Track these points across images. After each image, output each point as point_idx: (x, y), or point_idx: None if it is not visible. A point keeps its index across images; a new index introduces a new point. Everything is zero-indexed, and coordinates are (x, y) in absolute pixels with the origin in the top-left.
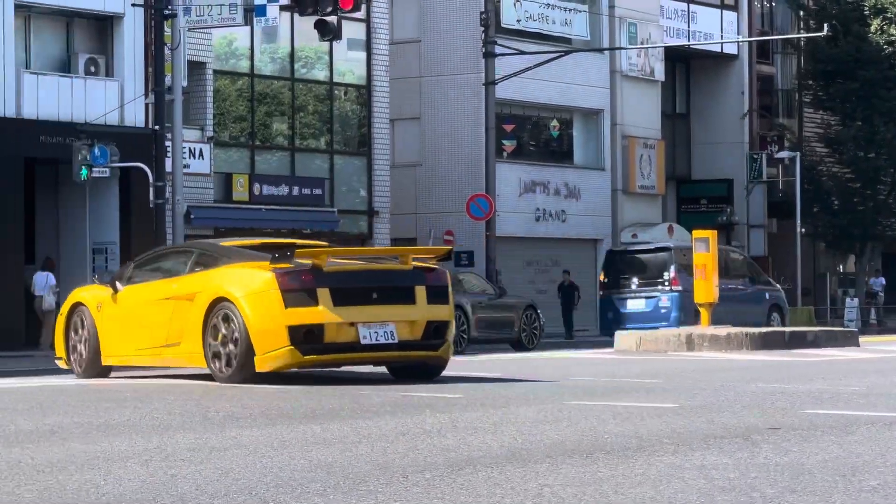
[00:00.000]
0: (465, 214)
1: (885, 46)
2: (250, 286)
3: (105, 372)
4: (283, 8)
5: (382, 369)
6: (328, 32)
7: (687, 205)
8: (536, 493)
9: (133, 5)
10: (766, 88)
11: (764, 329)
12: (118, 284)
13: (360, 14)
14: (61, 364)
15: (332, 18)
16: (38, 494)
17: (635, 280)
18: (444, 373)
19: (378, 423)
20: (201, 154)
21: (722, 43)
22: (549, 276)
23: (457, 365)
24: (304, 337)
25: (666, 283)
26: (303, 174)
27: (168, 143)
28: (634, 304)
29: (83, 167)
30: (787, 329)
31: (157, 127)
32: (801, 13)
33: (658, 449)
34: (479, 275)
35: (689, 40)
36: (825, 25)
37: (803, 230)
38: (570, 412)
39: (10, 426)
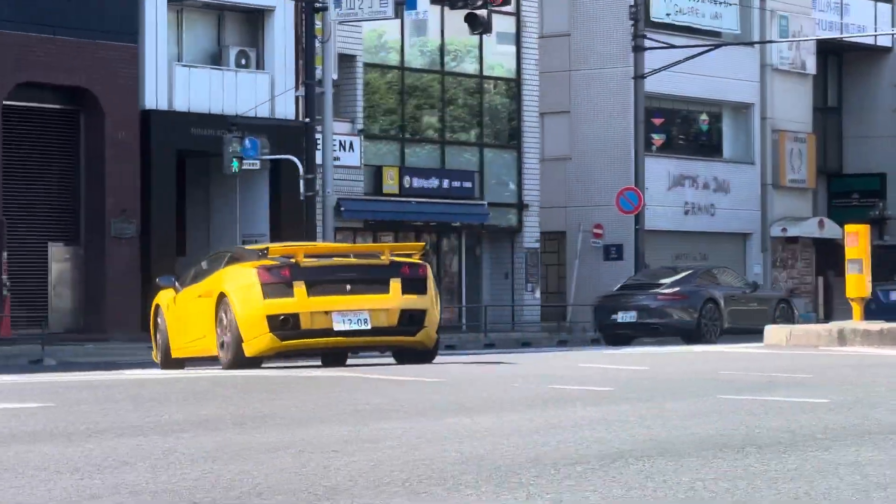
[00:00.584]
0: (614, 208)
1: None
2: (239, 282)
3: (178, 364)
4: (433, 1)
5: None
6: (478, 26)
7: (838, 199)
8: (689, 486)
9: None
10: None
11: None
12: (178, 286)
13: (510, 8)
14: (154, 358)
15: (483, 12)
16: (192, 483)
17: None
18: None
19: (528, 415)
20: (351, 147)
21: (875, 35)
22: None
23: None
24: (281, 324)
25: None
26: (453, 167)
27: (318, 136)
28: None
29: (234, 159)
30: None
31: (307, 119)
32: None
33: (811, 444)
34: (734, 271)
35: (841, 33)
36: None
37: None
38: (721, 406)
39: (163, 416)
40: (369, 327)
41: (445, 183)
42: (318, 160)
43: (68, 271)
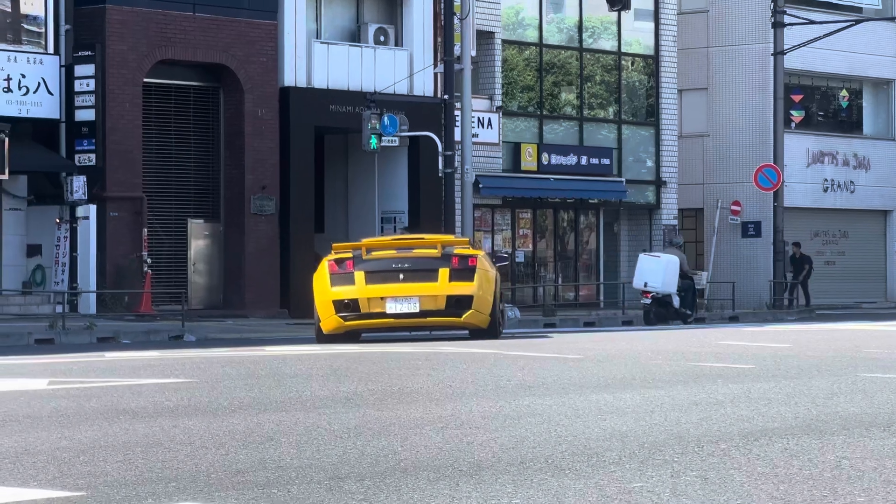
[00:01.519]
0: (752, 185)
1: None
2: (318, 272)
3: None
4: None
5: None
6: (617, 2)
7: None
8: (835, 464)
9: None
10: None
11: None
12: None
13: None
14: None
15: None
16: (337, 459)
17: None
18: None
19: (670, 392)
20: (490, 123)
21: None
22: (838, 247)
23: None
24: (344, 308)
25: None
26: (590, 144)
27: (457, 113)
28: None
29: (373, 136)
30: None
31: (446, 96)
32: None
33: None
34: None
35: None
36: None
37: None
38: (865, 384)
39: (305, 392)
40: (418, 310)
41: (583, 160)
42: (457, 137)
43: (208, 248)
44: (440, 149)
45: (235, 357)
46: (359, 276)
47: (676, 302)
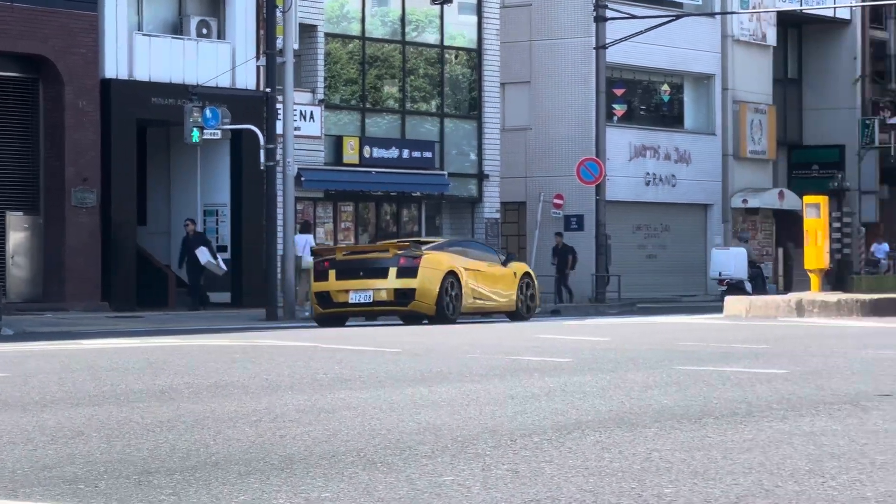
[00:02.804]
0: (574, 178)
1: None
2: (311, 269)
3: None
4: None
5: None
6: None
7: (798, 170)
8: (645, 457)
9: None
10: (879, 54)
11: (875, 295)
12: None
13: None
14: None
15: None
16: (148, 453)
17: None
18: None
19: (486, 386)
20: (312, 117)
21: (835, 7)
22: (659, 241)
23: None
24: (322, 298)
25: None
26: (413, 137)
27: (279, 106)
28: None
29: (195, 129)
30: None
31: (268, 89)
32: None
33: (767, 415)
34: None
35: (801, 5)
36: None
37: None
38: (680, 377)
39: (120, 385)
40: (372, 301)
41: (406, 153)
42: (279, 130)
43: (27, 240)
44: (262, 142)
45: (51, 350)
46: (332, 273)
47: (749, 287)
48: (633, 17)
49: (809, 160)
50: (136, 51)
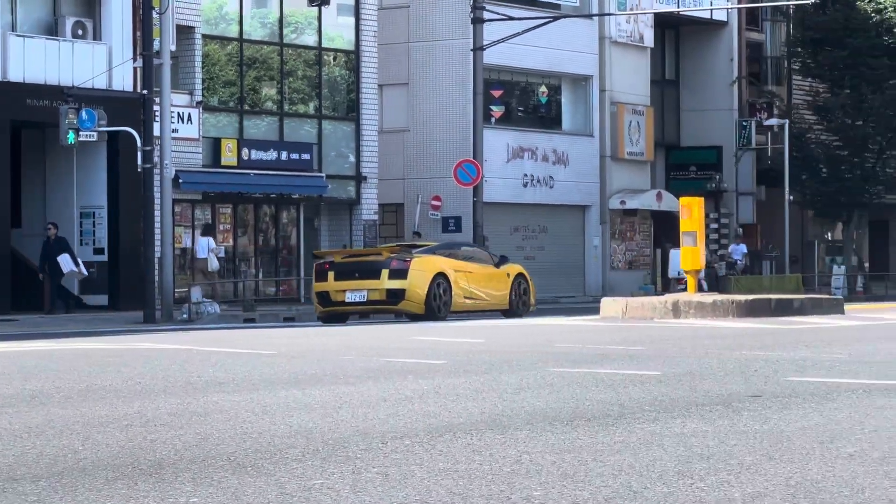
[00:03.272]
0: (452, 180)
1: (872, 14)
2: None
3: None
4: None
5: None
6: None
7: (676, 171)
8: (515, 459)
9: None
10: (756, 56)
11: (750, 296)
12: None
13: None
14: None
15: None
16: (14, 459)
17: None
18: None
19: (360, 388)
20: (190, 119)
21: (711, 10)
22: (538, 242)
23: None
24: (322, 297)
25: None
26: (291, 139)
27: (156, 108)
28: None
29: (70, 131)
30: (774, 296)
31: (145, 91)
32: None
33: (639, 416)
34: None
35: (678, 7)
36: None
37: (791, 198)
38: (553, 379)
39: None
40: (366, 300)
41: (284, 155)
42: (157, 132)
43: None
44: (139, 144)
45: None
46: (331, 275)
47: (705, 286)
48: (511, 18)
49: (687, 161)
50: (10, 51)
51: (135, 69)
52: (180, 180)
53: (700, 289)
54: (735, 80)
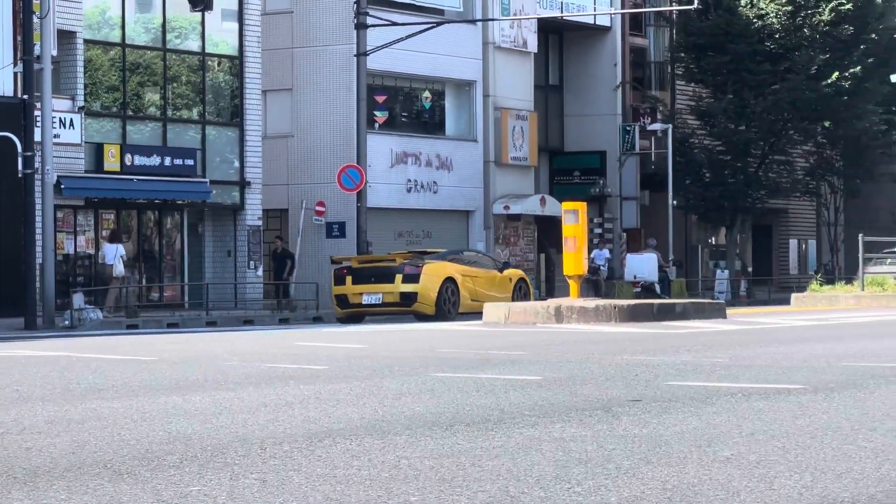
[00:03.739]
0: (336, 185)
1: (754, 20)
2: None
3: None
4: None
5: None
6: (199, 2)
7: (560, 176)
8: (394, 464)
9: None
10: (639, 61)
11: (632, 301)
12: None
13: None
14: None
15: None
16: None
17: None
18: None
19: (241, 394)
20: (72, 124)
21: (595, 15)
22: (421, 247)
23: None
24: (340, 300)
25: None
26: (175, 145)
27: (37, 113)
28: None
29: None
30: (656, 301)
31: (25, 96)
32: None
33: (519, 421)
34: None
35: (561, 12)
36: None
37: (675, 202)
38: (434, 384)
39: None
40: (381, 302)
41: (167, 160)
42: (38, 137)
43: None
44: (20, 149)
45: None
46: (349, 279)
47: (658, 289)
48: (394, 23)
49: (571, 166)
50: None
51: (15, 74)
52: (62, 186)
53: (655, 294)
54: (619, 86)
